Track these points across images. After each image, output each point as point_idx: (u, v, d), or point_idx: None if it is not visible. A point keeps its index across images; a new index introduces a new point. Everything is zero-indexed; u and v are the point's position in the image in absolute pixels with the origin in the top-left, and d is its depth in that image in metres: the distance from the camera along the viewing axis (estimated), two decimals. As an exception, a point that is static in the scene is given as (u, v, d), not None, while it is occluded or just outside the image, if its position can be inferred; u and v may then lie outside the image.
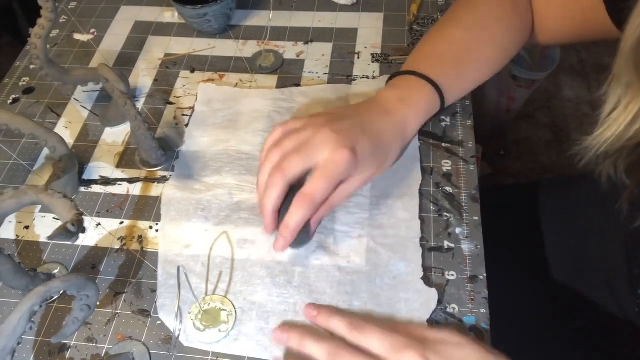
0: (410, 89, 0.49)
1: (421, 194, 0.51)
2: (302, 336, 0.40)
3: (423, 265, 0.46)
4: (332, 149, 0.41)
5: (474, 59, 0.52)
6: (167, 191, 0.53)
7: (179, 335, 0.44)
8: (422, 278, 0.45)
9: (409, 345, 0.36)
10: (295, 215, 0.41)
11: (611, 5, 0.47)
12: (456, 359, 0.36)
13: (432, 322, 0.43)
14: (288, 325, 0.43)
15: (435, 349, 0.36)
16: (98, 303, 0.41)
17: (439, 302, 0.44)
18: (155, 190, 0.54)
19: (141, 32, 0.70)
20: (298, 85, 0.62)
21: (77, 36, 0.71)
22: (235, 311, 0.45)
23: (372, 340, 0.38)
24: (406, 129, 0.48)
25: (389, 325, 0.40)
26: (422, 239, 0.48)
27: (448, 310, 0.44)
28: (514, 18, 0.53)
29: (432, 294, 0.44)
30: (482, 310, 0.44)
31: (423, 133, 0.55)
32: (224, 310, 0.45)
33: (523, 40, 0.55)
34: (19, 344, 0.35)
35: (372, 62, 0.63)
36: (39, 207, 0.54)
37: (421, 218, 0.49)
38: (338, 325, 0.40)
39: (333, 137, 0.42)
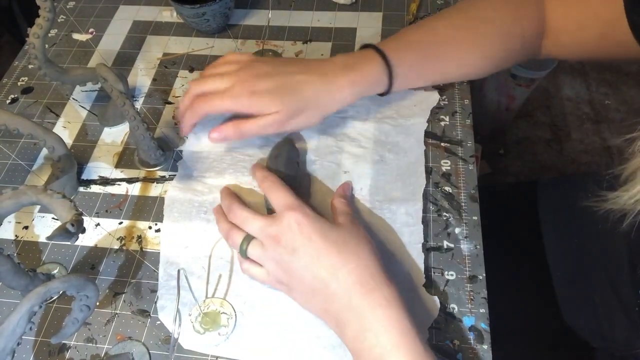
0: (361, 59, 0.50)
1: (420, 193, 0.51)
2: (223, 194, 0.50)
3: (424, 267, 0.46)
4: (259, 110, 0.48)
5: (443, 54, 0.52)
6: (171, 192, 0.53)
7: (177, 338, 0.44)
8: (424, 285, 0.45)
9: (292, 208, 0.42)
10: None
11: (634, 20, 0.45)
12: (324, 229, 0.42)
13: (432, 322, 0.43)
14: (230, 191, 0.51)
15: (311, 218, 0.42)
16: (97, 303, 0.41)
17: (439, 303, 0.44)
18: (154, 190, 0.54)
19: (140, 32, 0.70)
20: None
21: (75, 36, 0.71)
22: (235, 314, 0.45)
23: (271, 198, 0.45)
24: (335, 94, 0.49)
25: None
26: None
27: (447, 310, 0.44)
28: (511, 27, 0.52)
29: (434, 302, 0.44)
30: (482, 310, 0.44)
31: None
32: (224, 313, 0.45)
33: (521, 51, 0.53)
34: (18, 344, 0.35)
35: (372, 61, 0.63)
36: (38, 207, 0.53)
37: (422, 218, 0.49)
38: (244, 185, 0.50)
39: (257, 99, 0.48)
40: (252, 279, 0.45)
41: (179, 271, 0.41)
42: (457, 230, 0.48)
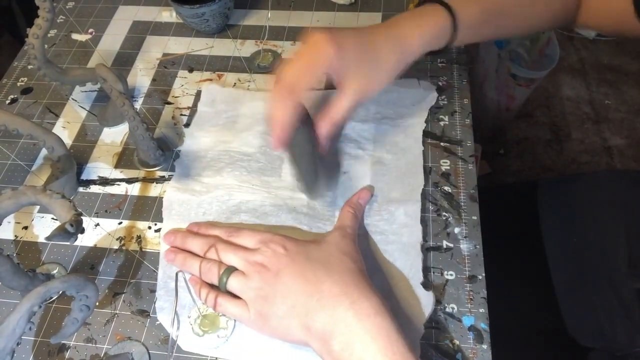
0: (424, 10, 0.47)
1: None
2: (185, 235, 0.48)
3: (422, 266, 0.46)
4: (313, 36, 0.42)
5: (502, 8, 0.50)
6: (169, 193, 0.53)
7: (176, 341, 0.44)
8: (421, 283, 0.45)
9: (273, 239, 0.43)
10: (274, 106, 0.42)
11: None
12: (309, 249, 0.43)
13: (431, 322, 0.43)
14: (175, 229, 0.50)
15: (295, 241, 0.43)
16: (97, 303, 0.41)
17: (438, 302, 0.44)
18: (153, 190, 0.54)
19: (139, 32, 0.70)
20: (297, 84, 0.62)
21: (75, 36, 0.71)
22: None
23: (245, 238, 0.45)
24: (405, 41, 0.46)
25: None
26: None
27: (447, 310, 0.44)
28: None
29: (430, 298, 0.44)
30: (481, 310, 0.44)
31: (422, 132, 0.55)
32: (223, 315, 0.45)
33: (562, 9, 0.53)
34: (18, 344, 0.35)
35: (371, 61, 0.63)
36: (38, 207, 0.53)
37: (420, 218, 0.49)
38: (218, 232, 0.47)
39: (318, 32, 0.42)
40: (227, 315, 0.44)
41: (177, 274, 0.41)
42: (456, 230, 0.48)
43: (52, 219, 0.53)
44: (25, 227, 0.52)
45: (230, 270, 0.43)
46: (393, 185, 0.51)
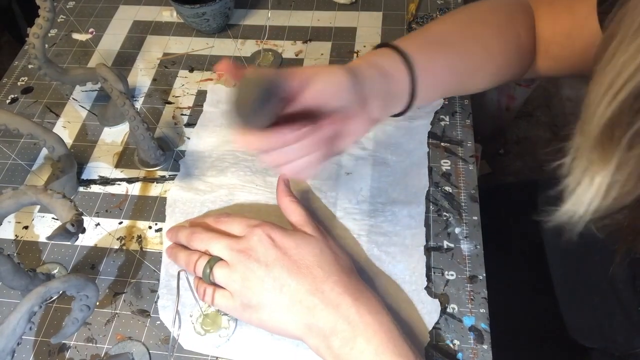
0: (374, 52, 0.42)
1: (421, 193, 0.51)
2: (179, 229, 0.46)
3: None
4: None
5: (451, 45, 0.46)
6: (173, 192, 0.53)
7: (177, 339, 0.44)
8: (425, 288, 0.45)
9: (260, 224, 0.42)
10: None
11: (601, 18, 0.43)
12: (299, 242, 0.41)
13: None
14: (177, 226, 0.49)
15: (283, 231, 0.42)
16: (97, 303, 0.41)
17: (439, 302, 0.44)
18: (154, 190, 0.54)
19: (140, 32, 0.70)
20: (297, 84, 0.62)
21: (75, 36, 0.71)
22: None
23: (233, 224, 0.44)
24: (352, 68, 0.38)
25: None
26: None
27: (447, 310, 0.44)
28: (506, 29, 0.48)
29: (435, 305, 0.44)
30: (482, 310, 0.44)
31: (422, 132, 0.55)
32: (224, 315, 0.45)
33: (518, 59, 0.50)
34: (18, 344, 0.35)
35: (372, 61, 0.63)
36: (38, 207, 0.53)
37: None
38: (208, 220, 0.46)
39: None
40: (215, 307, 0.44)
41: (179, 273, 0.41)
42: (457, 230, 0.48)
43: (53, 218, 0.53)
44: (26, 227, 0.52)
45: (215, 260, 0.41)
46: (397, 187, 0.51)
